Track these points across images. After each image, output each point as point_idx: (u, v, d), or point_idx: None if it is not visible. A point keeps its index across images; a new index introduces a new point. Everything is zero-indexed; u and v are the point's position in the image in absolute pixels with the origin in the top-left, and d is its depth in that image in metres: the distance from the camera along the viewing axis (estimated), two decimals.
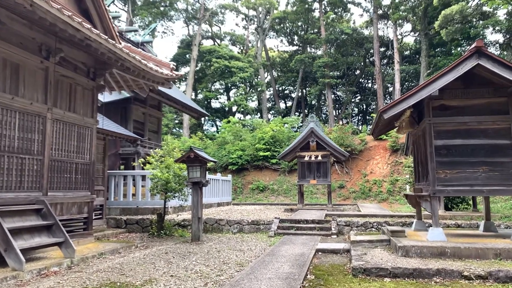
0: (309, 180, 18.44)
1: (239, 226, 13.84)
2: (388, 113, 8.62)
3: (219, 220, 14.05)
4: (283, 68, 49.19)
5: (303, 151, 18.25)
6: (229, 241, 11.64)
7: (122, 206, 15.51)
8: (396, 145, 28.68)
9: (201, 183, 11.71)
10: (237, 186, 29.18)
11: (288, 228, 13.25)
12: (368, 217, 14.77)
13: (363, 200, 26.40)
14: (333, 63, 39.69)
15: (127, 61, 9.28)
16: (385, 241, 9.67)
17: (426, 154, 9.18)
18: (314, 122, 18.22)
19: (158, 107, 21.94)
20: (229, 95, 43.40)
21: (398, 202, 25.29)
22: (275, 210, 19.13)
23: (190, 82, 37.19)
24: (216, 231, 13.88)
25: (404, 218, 14.22)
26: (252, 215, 15.47)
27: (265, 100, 43.30)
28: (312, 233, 12.65)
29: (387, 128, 11.28)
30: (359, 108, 54.23)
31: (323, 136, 17.75)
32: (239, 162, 29.59)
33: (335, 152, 17.70)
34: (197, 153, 11.45)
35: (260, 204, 25.07)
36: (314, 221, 13.65)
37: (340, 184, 27.92)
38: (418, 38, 45.10)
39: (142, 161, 12.85)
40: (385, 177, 27.71)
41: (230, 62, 38.28)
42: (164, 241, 11.93)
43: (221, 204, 21.56)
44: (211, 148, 32.03)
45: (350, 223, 13.41)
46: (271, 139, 30.27)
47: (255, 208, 20.15)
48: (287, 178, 29.23)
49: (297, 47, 48.08)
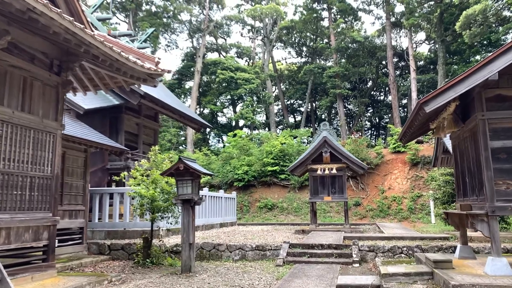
0: (322, 196, 16.23)
1: (241, 252, 11.65)
2: (431, 105, 6.50)
3: (218, 245, 11.87)
4: (291, 80, 47.30)
5: (315, 163, 16.09)
6: (227, 273, 9.46)
7: (108, 228, 13.46)
8: (416, 158, 26.33)
9: (192, 201, 9.62)
10: (243, 204, 26.96)
11: (300, 255, 11.02)
12: (394, 240, 12.50)
13: (381, 219, 23.99)
14: (344, 73, 37.68)
15: (93, 47, 7.33)
16: (426, 274, 7.42)
17: (477, 160, 7.02)
18: (327, 130, 16.10)
19: (154, 117, 20.03)
20: (235, 109, 41.55)
21: (421, 220, 22.84)
22: (284, 231, 16.90)
23: (194, 95, 35.45)
24: (214, 259, 11.70)
25: (437, 241, 11.93)
26: (257, 238, 13.27)
27: (273, 114, 41.30)
28: (329, 261, 10.41)
29: (421, 130, 9.14)
30: (371, 122, 51.94)
31: (338, 146, 15.60)
32: (245, 178, 27.43)
33: (352, 164, 15.50)
34: (187, 164, 9.40)
35: (268, 224, 22.80)
36: (331, 245, 11.41)
37: (356, 202, 25.56)
38: (432, 47, 43.10)
39: (125, 174, 10.85)
40: (405, 193, 25.31)
41: (236, 73, 36.49)
42: (148, 272, 9.78)
43: (224, 224, 19.38)
44: (216, 163, 29.96)
45: (374, 247, 11.15)
46: (279, 153, 28.13)
47: (262, 229, 17.92)
48: (298, 195, 26.96)
49: (306, 59, 46.28)
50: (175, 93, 40.15)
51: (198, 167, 9.88)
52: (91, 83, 9.80)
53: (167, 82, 41.08)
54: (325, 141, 15.52)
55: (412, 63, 32.12)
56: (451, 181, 15.26)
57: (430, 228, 17.70)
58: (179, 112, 18.24)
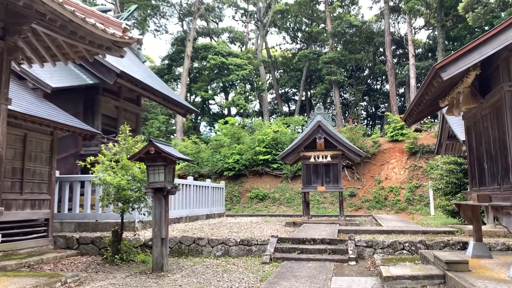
0: (316, 186, 15.01)
1: (224, 247, 10.42)
2: (449, 71, 5.23)
3: (199, 239, 10.63)
4: (285, 67, 45.85)
5: (308, 150, 14.84)
6: (205, 272, 8.23)
7: (78, 220, 12.17)
8: (414, 147, 25.16)
9: (165, 190, 8.34)
10: (234, 194, 25.74)
11: (289, 251, 9.81)
12: (394, 234, 11.32)
13: (378, 211, 22.88)
14: (340, 58, 36.28)
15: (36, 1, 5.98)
16: (437, 277, 6.21)
17: (502, 141, 5.78)
18: (321, 114, 14.82)
19: (136, 101, 18.65)
20: (227, 97, 40.10)
21: (419, 212, 21.76)
22: (275, 223, 15.69)
23: (184, 81, 33.97)
24: (194, 254, 10.46)
25: (442, 236, 10.76)
26: (244, 232, 12.04)
27: (266, 102, 39.90)
28: (322, 258, 9.19)
29: (429, 109, 7.89)
30: (367, 111, 50.71)
31: (333, 131, 14.33)
32: (236, 168, 26.17)
33: (348, 151, 14.27)
34: (159, 147, 8.10)
35: (259, 215, 21.60)
36: (324, 240, 10.20)
37: (351, 192, 24.41)
38: (431, 34, 41.84)
39: (92, 159, 9.54)
40: (402, 183, 24.18)
41: (228, 59, 34.96)
42: (115, 271, 8.53)
43: (211, 216, 18.15)
44: (205, 152, 28.66)
45: (372, 243, 9.95)
46: (272, 141, 26.85)
47: (251, 221, 16.71)
48: (290, 185, 25.76)
49: (300, 45, 44.78)
50: (165, 79, 38.66)
51: (173, 151, 8.59)
52: (48, 53, 8.42)
53: (155, 68, 39.56)
54: (319, 126, 14.26)
55: (411, 48, 30.84)
56: (456, 170, 14.09)
57: (431, 221, 16.58)
58: (162, 95, 16.84)
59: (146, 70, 19.68)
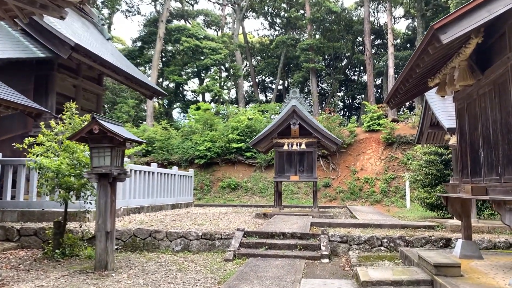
0: (289, 175, 14.04)
1: (184, 241, 9.32)
2: (450, 32, 4.23)
3: (155, 232, 9.49)
4: (263, 54, 44.61)
5: (282, 137, 13.84)
6: (157, 271, 7.12)
7: (22, 208, 10.82)
8: (391, 137, 24.56)
9: (111, 176, 7.15)
10: (205, 183, 24.59)
11: (256, 246, 8.79)
12: (370, 228, 10.47)
13: (352, 202, 22.20)
14: (318, 46, 35.31)
15: None
16: (424, 282, 5.29)
17: (505, 123, 4.86)
18: (297, 99, 13.80)
19: (98, 80, 17.18)
20: (202, 82, 38.61)
21: (395, 204, 21.17)
22: (245, 214, 14.70)
23: (156, 64, 32.36)
24: (150, 249, 9.32)
25: (422, 231, 9.97)
26: (208, 224, 10.97)
27: (242, 88, 38.61)
28: (291, 255, 8.21)
29: (415, 90, 6.94)
30: (344, 102, 50.18)
31: (308, 117, 13.35)
32: (207, 155, 24.99)
33: (324, 139, 13.32)
34: (104, 126, 6.89)
35: (230, 205, 20.59)
36: (295, 234, 9.22)
37: (326, 183, 23.65)
38: (410, 25, 41.41)
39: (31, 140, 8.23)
40: (378, 174, 23.57)
41: (202, 42, 33.45)
42: (52, 269, 7.32)
43: (177, 205, 16.98)
44: (176, 139, 27.33)
45: (347, 238, 9.04)
46: (246, 129, 25.76)
47: (220, 212, 15.66)
48: (264, 175, 24.80)
49: (279, 31, 43.59)
50: (136, 62, 36.87)
51: (122, 131, 7.38)
52: None
53: (126, 49, 37.69)
54: (294, 111, 13.24)
55: (390, 37, 30.16)
56: (436, 161, 13.36)
57: (407, 214, 15.91)
58: (124, 74, 15.44)
59: (110, 48, 18.17)
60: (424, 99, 11.53)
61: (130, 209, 13.10)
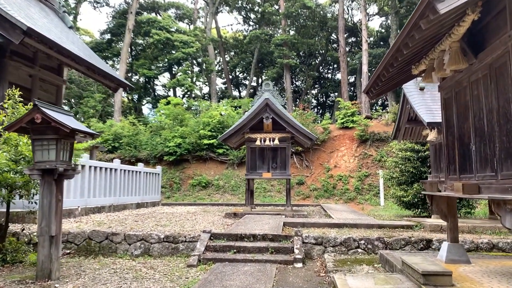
0: (261, 172, 13.34)
1: (144, 245, 8.46)
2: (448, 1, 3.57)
3: (113, 234, 8.58)
4: (236, 50, 43.71)
5: (254, 132, 13.11)
6: (109, 279, 6.26)
7: None
8: (365, 134, 24.24)
9: (56, 172, 6.23)
10: (174, 181, 23.60)
11: (224, 249, 8.03)
12: (346, 228, 9.89)
13: (326, 200, 21.73)
14: (293, 41, 34.74)
15: None
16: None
17: (503, 113, 4.28)
18: (270, 91, 13.10)
19: (58, 70, 15.91)
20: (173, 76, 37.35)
21: (368, 202, 20.82)
22: (214, 213, 13.93)
23: (124, 57, 30.99)
24: (106, 254, 8.42)
25: (400, 231, 9.46)
26: (173, 225, 10.14)
27: (215, 83, 37.60)
28: (262, 259, 7.49)
29: (399, 77, 6.32)
30: (318, 100, 49.92)
31: (282, 111, 12.66)
32: (177, 152, 23.99)
33: (298, 134, 12.66)
34: (47, 115, 5.98)
35: (200, 204, 19.75)
36: (267, 236, 8.51)
37: (299, 180, 23.09)
38: (384, 23, 41.40)
39: None
40: (352, 172, 23.19)
41: (173, 35, 32.28)
42: None
43: (142, 204, 16.03)
44: (145, 135, 26.19)
45: (322, 240, 8.40)
46: (218, 125, 24.91)
47: (188, 211, 14.84)
48: (236, 172, 24.02)
49: (253, 26, 42.76)
50: (104, 55, 35.38)
51: (70, 121, 6.47)
52: None
53: (93, 42, 36.10)
54: (266, 105, 12.53)
55: (364, 33, 29.87)
56: (412, 158, 12.93)
57: (382, 212, 15.48)
58: (86, 63, 14.25)
59: (72, 37, 16.92)
60: (402, 93, 11.04)
61: (89, 208, 12.12)
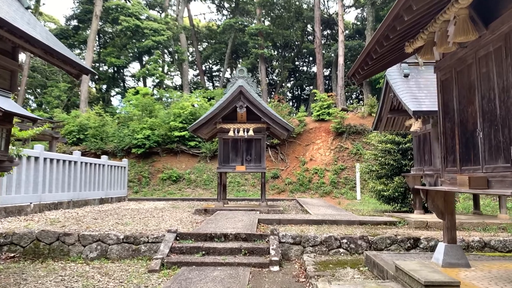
0: (234, 166, 12.47)
1: (101, 246, 7.47)
2: None
3: (65, 235, 7.56)
4: (210, 40, 42.51)
5: (227, 122, 12.21)
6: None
7: None
8: (341, 127, 23.71)
9: None
10: (143, 175, 22.46)
11: (191, 251, 7.14)
12: (325, 224, 9.18)
13: (301, 194, 21.11)
14: (268, 32, 33.90)
15: None
16: None
17: None
18: (244, 78, 12.22)
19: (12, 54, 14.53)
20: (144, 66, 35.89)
21: (344, 196, 20.30)
22: (184, 209, 13.03)
23: (91, 44, 29.40)
24: (57, 257, 7.40)
25: (383, 228, 8.81)
26: (136, 223, 9.17)
27: (187, 73, 36.32)
28: (234, 262, 6.66)
29: (391, 56, 5.56)
30: (293, 93, 49.34)
31: (257, 100, 11.81)
32: (146, 144, 22.82)
33: (274, 124, 11.84)
34: None
35: (170, 199, 18.73)
36: (239, 236, 7.67)
37: (274, 174, 22.37)
38: (360, 15, 41.07)
39: None
40: (327, 165, 22.62)
41: (143, 22, 30.87)
42: None
43: (107, 200, 14.92)
44: (112, 126, 24.85)
45: (301, 239, 7.63)
46: (190, 116, 23.83)
47: (156, 207, 13.85)
48: (209, 166, 23.09)
49: (227, 15, 41.63)
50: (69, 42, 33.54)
51: (6, 103, 5.43)
52: None
53: (58, 28, 34.22)
54: (240, 93, 11.64)
55: (341, 24, 29.30)
56: (393, 150, 12.34)
57: (360, 207, 14.93)
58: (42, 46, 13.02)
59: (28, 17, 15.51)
60: (384, 81, 10.38)
61: (44, 205, 10.98)
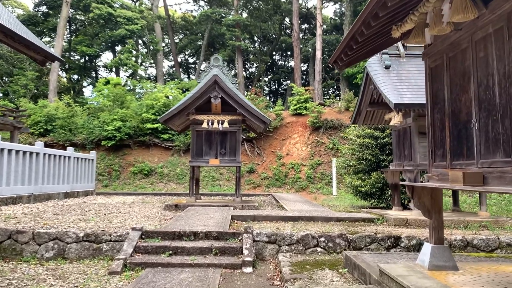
0: (208, 159, 11.91)
1: (58, 245, 6.82)
2: None
3: (17, 233, 6.86)
4: (186, 32, 41.54)
5: (200, 113, 11.63)
6: None
7: None
8: (318, 122, 23.42)
9: None
10: (113, 168, 21.59)
11: (157, 251, 6.58)
12: (302, 221, 8.76)
13: (277, 189, 20.73)
14: (245, 23, 33.29)
15: None
16: None
17: None
18: (219, 67, 11.66)
19: None
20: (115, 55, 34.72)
21: (320, 191, 20.03)
22: (154, 204, 12.40)
23: (61, 32, 28.09)
24: (9, 257, 6.70)
25: (362, 225, 8.47)
26: (99, 220, 8.52)
27: (162, 64, 35.36)
28: (204, 263, 6.14)
29: (378, 40, 5.12)
30: (270, 87, 48.93)
31: (233, 90, 11.26)
32: (117, 137, 21.92)
33: (250, 116, 11.33)
34: None
35: (140, 194, 17.99)
36: (210, 234, 7.14)
37: (250, 168, 21.90)
38: (338, 10, 40.91)
39: None
40: (304, 160, 22.31)
41: (116, 10, 29.76)
42: None
43: (72, 194, 14.12)
44: (81, 117, 23.80)
45: (276, 237, 7.17)
46: (163, 108, 23.03)
47: (125, 202, 13.17)
48: (183, 160, 22.41)
49: (204, 6, 40.74)
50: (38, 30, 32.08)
51: None
52: None
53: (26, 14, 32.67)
54: (215, 82, 11.07)
55: (319, 18, 28.97)
56: (371, 145, 12.04)
57: (336, 202, 14.63)
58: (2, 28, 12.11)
59: None
60: (365, 72, 10.01)
61: (1, 199, 10.17)
